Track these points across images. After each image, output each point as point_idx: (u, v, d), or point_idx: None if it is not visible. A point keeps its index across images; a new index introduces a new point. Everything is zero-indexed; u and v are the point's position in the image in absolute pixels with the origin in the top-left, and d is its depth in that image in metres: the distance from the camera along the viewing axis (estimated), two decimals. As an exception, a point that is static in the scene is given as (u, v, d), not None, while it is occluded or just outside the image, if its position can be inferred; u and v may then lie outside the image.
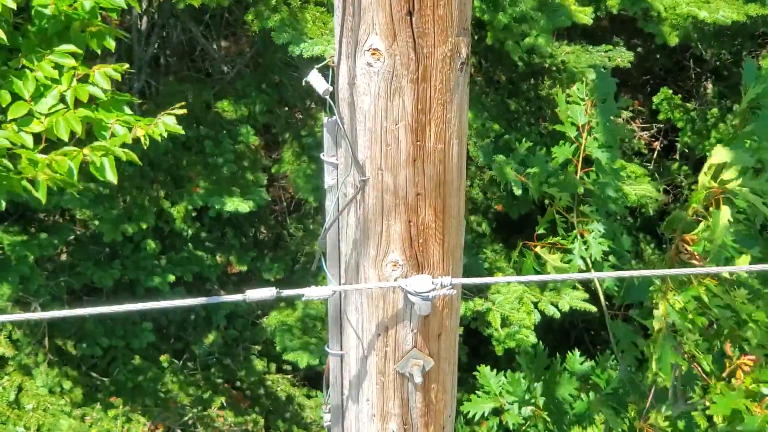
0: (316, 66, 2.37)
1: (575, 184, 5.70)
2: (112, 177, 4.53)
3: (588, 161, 5.77)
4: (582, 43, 7.15)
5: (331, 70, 2.37)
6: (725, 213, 4.81)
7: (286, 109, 8.20)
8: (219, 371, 8.15)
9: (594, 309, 6.88)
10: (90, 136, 4.66)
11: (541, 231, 5.88)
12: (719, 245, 4.90)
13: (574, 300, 7.01)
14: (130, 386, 7.60)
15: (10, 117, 4.57)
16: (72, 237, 7.49)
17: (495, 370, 6.02)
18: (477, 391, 6.02)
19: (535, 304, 6.98)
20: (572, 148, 5.73)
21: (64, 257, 7.72)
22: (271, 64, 7.99)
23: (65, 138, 4.52)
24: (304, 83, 2.35)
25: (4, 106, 4.63)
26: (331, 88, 2.34)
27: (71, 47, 4.77)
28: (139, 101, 4.98)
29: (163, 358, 7.90)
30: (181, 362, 8.03)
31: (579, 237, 5.66)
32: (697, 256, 5.03)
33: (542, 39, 6.39)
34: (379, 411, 2.62)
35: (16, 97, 4.66)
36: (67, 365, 7.47)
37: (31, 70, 4.69)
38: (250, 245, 8.29)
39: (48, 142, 4.66)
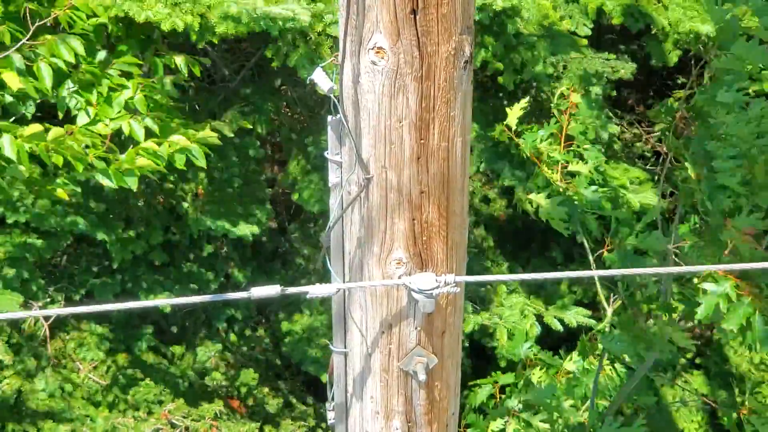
0: (320, 65, 2.38)
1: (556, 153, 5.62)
2: (202, 162, 5.11)
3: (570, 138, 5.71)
4: (583, 50, 7.17)
5: (335, 68, 2.39)
6: None
7: (291, 115, 8.21)
8: (216, 376, 8.16)
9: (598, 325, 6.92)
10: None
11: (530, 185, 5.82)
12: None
13: (578, 315, 7.05)
14: (129, 391, 7.61)
15: (79, 122, 5.02)
16: (68, 242, 7.49)
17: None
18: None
19: (538, 318, 7.01)
20: (557, 125, 5.68)
21: (63, 266, 7.73)
22: (275, 70, 8.00)
23: (141, 138, 4.99)
24: (309, 81, 2.37)
25: (76, 111, 5.09)
26: (335, 87, 2.36)
27: (132, 58, 5.33)
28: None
29: (162, 362, 7.90)
30: (180, 367, 8.03)
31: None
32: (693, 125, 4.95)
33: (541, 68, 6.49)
34: (383, 408, 2.63)
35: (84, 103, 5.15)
36: (68, 369, 7.47)
37: (97, 77, 5.17)
38: (249, 253, 8.31)
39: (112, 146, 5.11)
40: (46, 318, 7.13)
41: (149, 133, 5.01)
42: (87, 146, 4.87)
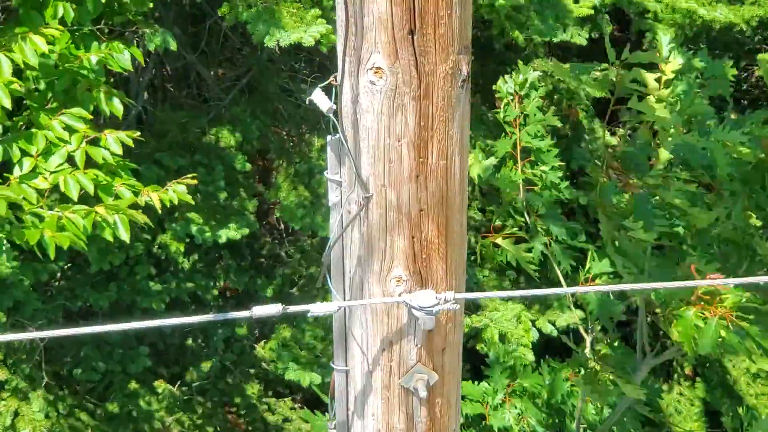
0: (319, 85, 2.41)
1: (514, 175, 5.59)
2: (125, 235, 4.61)
3: (527, 152, 5.68)
4: (575, 62, 7.21)
5: (334, 88, 2.41)
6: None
7: (279, 134, 8.24)
8: (215, 396, 8.14)
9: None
10: (94, 198, 4.78)
11: (497, 222, 5.81)
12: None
13: (570, 319, 7.07)
14: (125, 412, 7.59)
15: (16, 173, 4.68)
16: (67, 264, 7.48)
17: (476, 382, 6.02)
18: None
19: (533, 322, 7.03)
20: (511, 141, 5.61)
21: (60, 282, 7.73)
22: (266, 90, 8.04)
23: (74, 197, 4.62)
24: (307, 102, 2.39)
25: (15, 161, 4.74)
26: (334, 107, 2.38)
27: (81, 111, 4.91)
28: (137, 132, 5.12)
29: (158, 383, 7.88)
30: (177, 387, 8.02)
31: (533, 225, 5.58)
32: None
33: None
34: (385, 426, 2.64)
35: (23, 153, 4.78)
36: (64, 390, 7.45)
37: (41, 128, 4.81)
38: (246, 268, 8.31)
39: (53, 199, 4.76)
40: (42, 338, 7.11)
41: (85, 194, 4.66)
42: (24, 198, 4.55)
